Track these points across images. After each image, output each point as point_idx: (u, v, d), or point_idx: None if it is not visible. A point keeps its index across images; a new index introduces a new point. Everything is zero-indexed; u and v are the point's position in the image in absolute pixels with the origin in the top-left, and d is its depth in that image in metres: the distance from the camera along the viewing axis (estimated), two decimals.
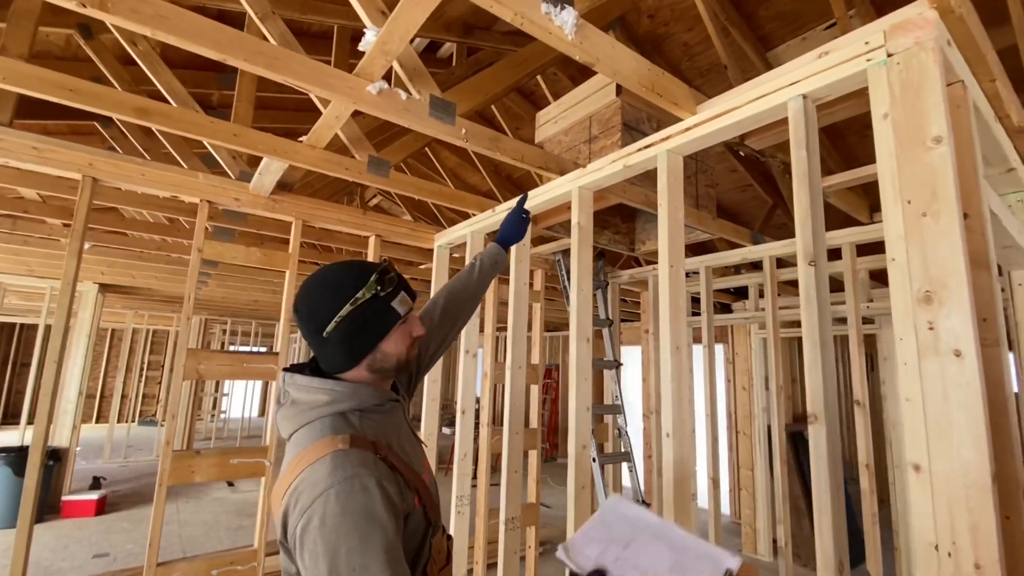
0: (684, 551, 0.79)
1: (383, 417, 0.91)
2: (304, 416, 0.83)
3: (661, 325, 1.37)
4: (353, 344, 0.87)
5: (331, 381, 0.86)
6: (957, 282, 0.86)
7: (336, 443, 0.78)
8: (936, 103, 0.92)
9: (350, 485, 0.73)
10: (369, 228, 2.50)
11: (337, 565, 0.68)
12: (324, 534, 0.70)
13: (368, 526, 0.71)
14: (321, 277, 0.90)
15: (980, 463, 0.80)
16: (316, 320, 0.86)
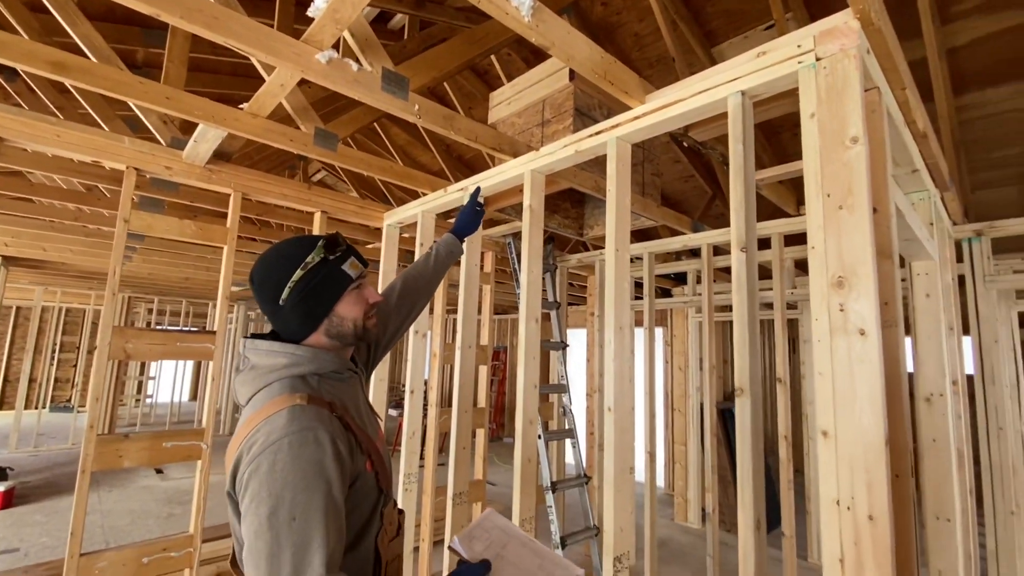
0: (545, 557, 0.98)
1: (341, 384, 0.94)
2: (263, 379, 0.85)
3: (606, 306, 1.43)
4: (308, 307, 0.90)
5: (291, 345, 0.89)
6: (865, 269, 0.96)
7: (294, 399, 0.80)
8: (855, 106, 1.01)
9: (303, 437, 0.75)
10: (315, 204, 2.41)
11: (278, 510, 0.70)
12: (271, 480, 0.71)
13: (316, 478, 0.73)
14: (274, 249, 0.93)
15: (876, 429, 0.92)
16: (271, 289, 0.89)
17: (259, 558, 0.69)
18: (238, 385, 0.88)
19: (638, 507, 4.35)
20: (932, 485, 1.80)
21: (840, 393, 0.96)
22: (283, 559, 0.69)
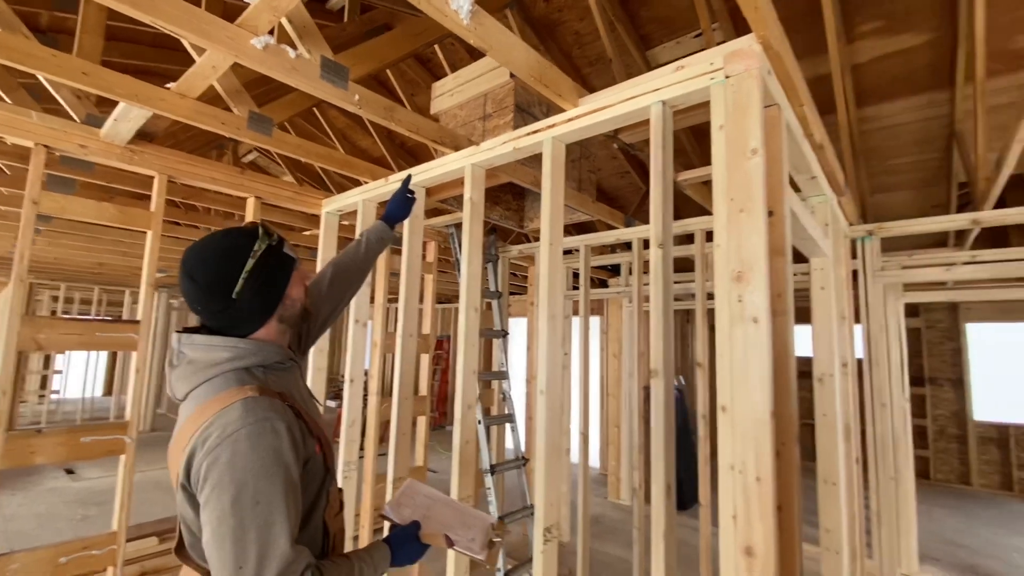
0: (465, 513, 1.12)
1: (284, 373, 0.97)
2: (203, 373, 0.86)
3: (540, 297, 1.52)
4: (265, 295, 0.92)
5: (233, 339, 0.90)
6: (759, 265, 1.10)
7: (245, 391, 0.83)
8: (755, 121, 1.15)
9: (261, 427, 0.79)
10: (248, 189, 2.33)
11: (241, 496, 0.74)
12: (233, 469, 0.75)
13: (275, 464, 0.77)
14: (209, 246, 0.91)
15: (764, 404, 1.06)
16: (222, 284, 0.88)
17: (224, 540, 0.73)
18: (174, 380, 0.88)
19: (573, 487, 4.58)
20: (823, 454, 2.06)
21: (736, 374, 1.11)
22: (248, 540, 0.73)
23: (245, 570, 0.73)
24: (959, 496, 5.70)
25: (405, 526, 1.04)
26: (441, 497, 1.14)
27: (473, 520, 1.09)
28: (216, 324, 0.91)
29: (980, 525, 4.69)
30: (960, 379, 6.24)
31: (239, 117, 1.83)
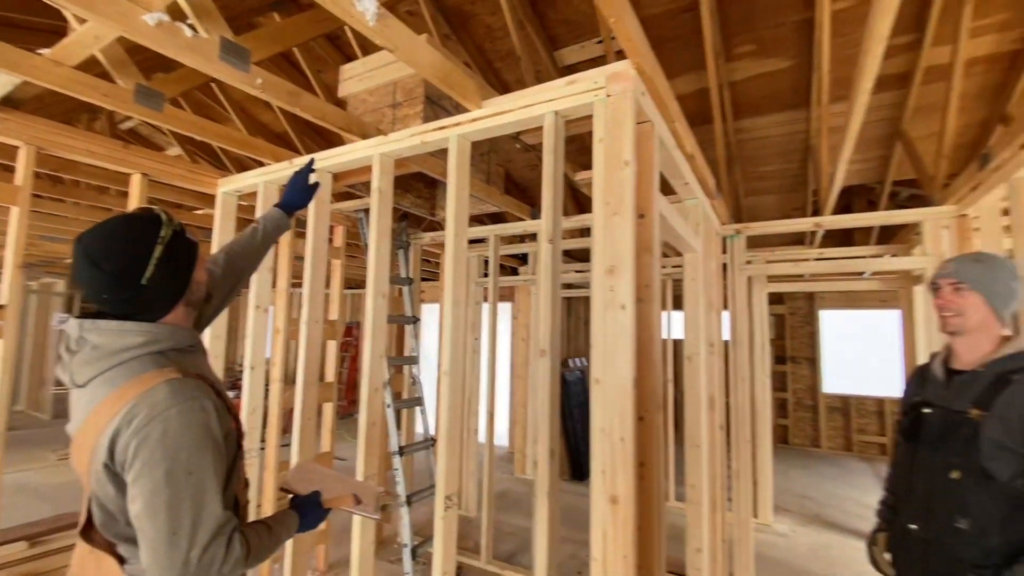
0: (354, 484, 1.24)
1: (193, 356, 1.00)
2: (111, 359, 0.87)
3: (445, 285, 1.63)
4: (175, 280, 0.95)
5: (146, 324, 0.91)
6: (627, 261, 1.30)
7: (167, 374, 0.86)
8: (627, 136, 1.33)
9: (191, 405, 0.84)
10: (133, 165, 2.17)
11: (175, 469, 0.80)
12: (164, 445, 0.80)
13: (204, 439, 0.84)
14: (114, 233, 0.90)
15: (628, 376, 1.27)
16: (131, 272, 0.89)
17: (158, 510, 0.79)
18: (77, 366, 0.88)
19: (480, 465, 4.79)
20: (690, 421, 2.39)
21: (607, 352, 1.30)
22: (183, 508, 0.80)
23: (179, 535, 0.79)
24: (810, 457, 6.71)
25: (308, 495, 1.12)
26: (331, 472, 1.26)
27: (362, 489, 1.22)
28: (121, 311, 0.91)
29: (825, 481, 5.58)
30: (814, 358, 7.30)
31: (124, 89, 1.71)
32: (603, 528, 1.26)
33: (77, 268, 0.88)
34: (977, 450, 1.20)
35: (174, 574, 0.80)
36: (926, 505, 1.31)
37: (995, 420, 1.19)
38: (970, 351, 1.32)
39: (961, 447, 1.24)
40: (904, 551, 1.39)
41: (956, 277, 1.32)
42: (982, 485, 1.20)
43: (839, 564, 3.47)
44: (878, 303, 6.87)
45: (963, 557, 1.22)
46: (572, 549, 3.60)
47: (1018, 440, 1.16)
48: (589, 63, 3.51)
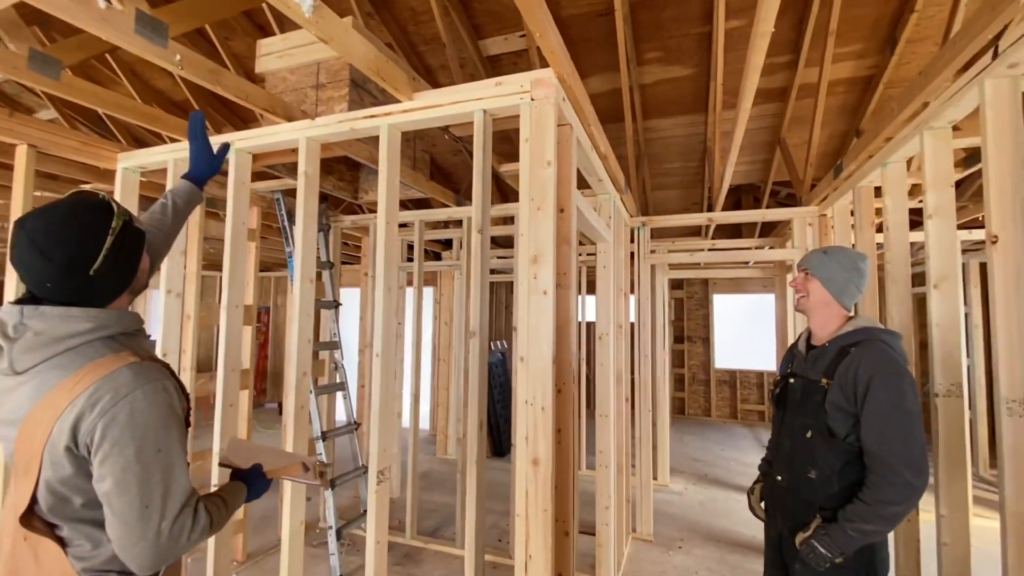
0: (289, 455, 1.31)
1: (137, 340, 1.00)
2: (57, 345, 0.86)
3: (377, 271, 1.69)
4: (122, 271, 0.95)
5: (94, 309, 0.91)
6: (549, 251, 1.45)
7: (125, 358, 0.88)
8: (551, 139, 1.48)
9: (155, 387, 0.88)
10: (19, 135, 1.94)
11: (144, 447, 0.84)
12: (132, 425, 0.83)
13: (170, 417, 0.88)
14: (64, 222, 0.88)
15: (548, 354, 1.43)
16: (80, 261, 0.87)
17: (130, 486, 0.83)
18: (17, 353, 0.85)
19: (404, 449, 4.85)
20: (599, 394, 2.65)
21: (531, 332, 1.45)
22: (153, 483, 0.85)
23: (151, 508, 0.84)
24: (703, 426, 7.52)
25: (251, 467, 1.18)
26: (264, 446, 1.32)
27: (297, 459, 1.30)
28: (66, 299, 0.89)
29: (713, 445, 6.31)
30: (707, 337, 8.13)
31: (16, 55, 1.55)
32: (525, 487, 1.43)
33: (20, 254, 0.85)
34: (824, 412, 1.44)
35: (146, 544, 0.84)
36: (789, 460, 1.55)
37: (836, 386, 1.42)
38: (821, 329, 1.58)
39: (814, 410, 1.47)
40: (772, 498, 1.64)
41: (805, 265, 1.60)
42: (827, 442, 1.43)
43: (722, 514, 4.01)
44: (761, 288, 7.79)
45: (812, 500, 1.46)
46: (493, 519, 3.81)
47: (851, 401, 1.39)
48: (512, 55, 3.63)
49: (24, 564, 0.90)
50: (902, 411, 1.33)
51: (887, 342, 1.43)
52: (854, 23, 3.00)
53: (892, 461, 1.32)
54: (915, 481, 1.30)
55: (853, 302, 1.57)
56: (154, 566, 0.88)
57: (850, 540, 1.35)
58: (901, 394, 1.34)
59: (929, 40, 3.04)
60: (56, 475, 0.86)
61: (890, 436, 1.33)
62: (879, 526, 1.34)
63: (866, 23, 3.06)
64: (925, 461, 1.33)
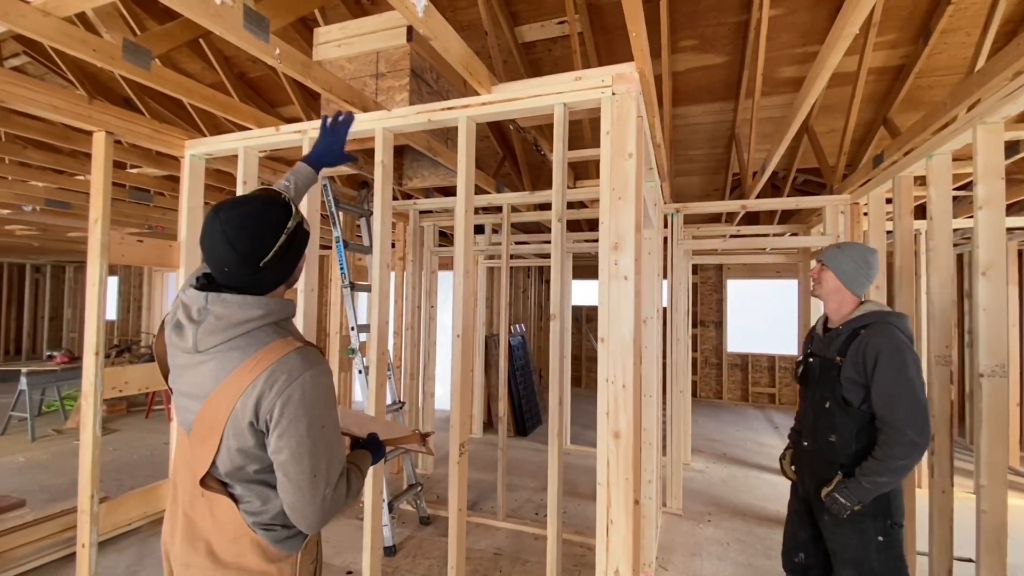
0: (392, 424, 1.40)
1: (292, 325, 1.11)
2: (235, 329, 0.96)
3: (456, 256, 1.79)
4: (284, 268, 1.04)
5: (264, 298, 1.00)
6: (630, 238, 1.54)
7: (292, 344, 0.98)
8: (632, 131, 1.56)
9: (320, 369, 0.98)
10: (97, 122, 2.02)
11: (313, 424, 0.95)
12: (304, 403, 0.94)
13: (330, 396, 1.00)
14: (251, 215, 0.98)
15: (631, 335, 1.53)
16: (256, 254, 0.97)
17: (303, 457, 0.94)
18: (201, 335, 0.96)
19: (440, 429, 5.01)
20: (646, 376, 2.77)
21: (612, 315, 1.55)
22: (320, 454, 0.95)
23: (318, 476, 0.95)
24: (715, 408, 7.68)
25: (369, 436, 1.28)
26: (370, 416, 1.41)
27: (407, 430, 1.39)
28: (236, 284, 0.99)
29: (727, 426, 6.47)
30: (720, 321, 8.24)
31: (112, 44, 1.62)
32: (607, 458, 1.54)
33: (211, 240, 0.95)
34: (840, 385, 1.68)
35: (315, 507, 0.96)
36: (813, 428, 1.80)
37: (848, 362, 1.67)
38: (835, 313, 1.82)
39: (831, 384, 1.72)
40: (800, 461, 1.90)
41: (821, 258, 1.84)
42: (844, 411, 1.68)
43: (745, 491, 4.17)
44: (775, 274, 7.88)
45: (834, 461, 1.72)
46: (527, 495, 3.97)
47: (862, 375, 1.63)
48: (548, 42, 3.67)
49: (201, 516, 1.02)
50: (905, 381, 1.57)
51: (893, 323, 1.66)
52: (890, 12, 3.04)
53: (899, 424, 1.56)
54: (919, 439, 1.55)
55: (863, 290, 1.79)
56: (320, 525, 1.00)
57: (866, 491, 1.59)
58: (904, 366, 1.58)
59: (961, 31, 3.08)
60: (238, 444, 0.97)
61: (896, 403, 1.57)
62: (889, 478, 1.58)
63: (902, 13, 3.09)
64: (927, 422, 1.57)
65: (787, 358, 7.81)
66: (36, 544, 2.74)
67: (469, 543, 3.12)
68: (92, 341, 2.03)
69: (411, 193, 4.00)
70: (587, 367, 8.91)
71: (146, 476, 4.20)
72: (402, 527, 3.35)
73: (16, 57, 4.27)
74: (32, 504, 3.28)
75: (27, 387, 5.28)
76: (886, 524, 1.64)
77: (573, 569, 2.89)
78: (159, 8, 3.07)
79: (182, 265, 2.35)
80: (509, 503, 3.76)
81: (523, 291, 7.46)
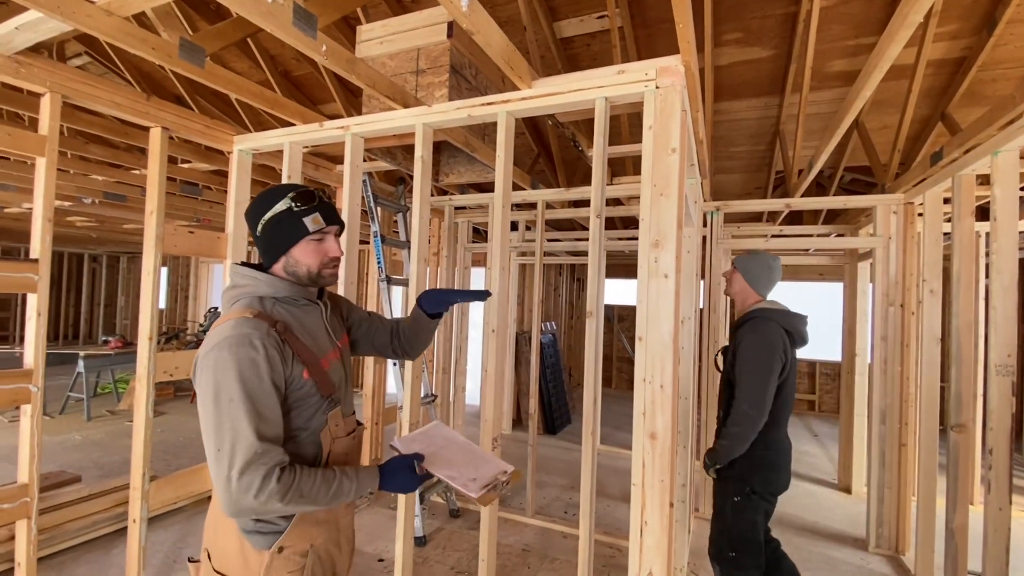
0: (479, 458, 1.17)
1: (296, 309, 1.11)
2: (234, 297, 1.06)
3: (492, 252, 1.79)
4: (268, 244, 1.09)
5: (255, 271, 1.08)
6: (671, 236, 1.51)
7: (244, 312, 1.01)
8: (676, 126, 1.52)
9: (240, 339, 0.94)
10: (154, 118, 2.12)
11: (219, 394, 0.92)
12: (215, 371, 0.92)
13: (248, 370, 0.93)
14: (263, 192, 1.10)
15: (670, 334, 1.50)
16: (252, 223, 1.10)
17: (209, 428, 0.92)
18: (223, 301, 1.08)
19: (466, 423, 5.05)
20: (683, 377, 2.71)
21: (651, 314, 1.53)
22: (224, 430, 0.90)
23: (222, 452, 0.89)
24: None
25: (402, 455, 1.11)
26: (461, 440, 1.19)
27: (484, 465, 1.14)
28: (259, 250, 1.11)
29: None
30: None
31: (169, 43, 1.69)
32: (642, 459, 1.52)
33: None
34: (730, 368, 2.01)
35: (221, 486, 0.90)
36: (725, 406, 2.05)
37: (731, 350, 2.04)
38: (739, 310, 2.16)
39: (727, 369, 2.05)
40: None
41: (733, 262, 2.17)
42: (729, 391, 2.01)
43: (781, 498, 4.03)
44: (816, 276, 7.59)
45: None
46: (555, 492, 3.96)
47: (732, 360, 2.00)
48: (586, 37, 3.63)
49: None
50: (752, 362, 1.90)
51: (774, 319, 2.00)
52: (952, 1, 2.87)
53: (739, 396, 1.89)
54: (751, 412, 1.86)
55: (767, 291, 2.12)
56: (231, 511, 0.91)
57: (717, 454, 1.94)
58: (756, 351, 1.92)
59: None
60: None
61: (740, 379, 1.91)
62: (730, 442, 1.91)
63: (965, 2, 2.92)
64: (762, 399, 1.87)
65: (829, 364, 7.51)
66: (90, 518, 2.91)
67: (498, 538, 3.13)
68: (146, 327, 2.14)
69: (446, 189, 4.03)
70: (618, 367, 8.80)
71: (191, 458, 4.39)
72: (432, 519, 3.39)
73: (78, 57, 4.52)
74: (86, 480, 3.49)
75: (84, 370, 5.60)
76: (743, 488, 1.96)
77: (602, 570, 2.86)
78: (210, 9, 3.20)
79: (229, 256, 2.44)
80: (538, 500, 3.76)
81: (554, 289, 7.43)
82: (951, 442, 2.32)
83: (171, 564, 2.73)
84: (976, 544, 2.33)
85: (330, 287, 1.24)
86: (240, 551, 1.03)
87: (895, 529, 3.10)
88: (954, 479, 2.29)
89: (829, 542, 3.29)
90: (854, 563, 3.03)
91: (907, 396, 3.08)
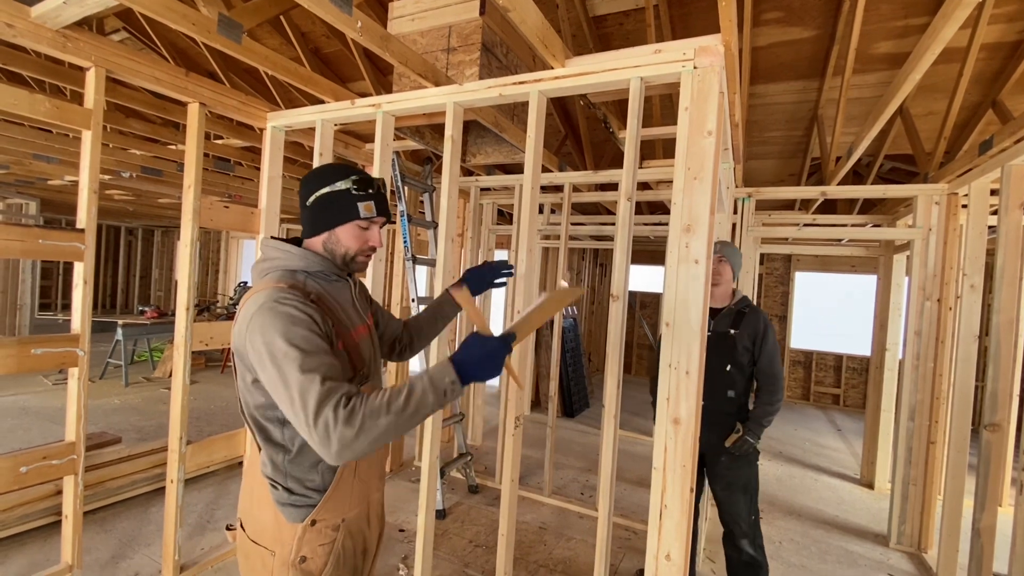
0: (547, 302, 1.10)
1: (328, 284, 1.14)
2: (265, 269, 1.09)
3: (521, 233, 1.79)
4: (317, 217, 1.11)
5: (288, 245, 1.11)
6: (704, 220, 1.48)
7: (278, 283, 1.03)
8: (713, 108, 1.48)
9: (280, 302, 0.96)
10: (192, 94, 2.16)
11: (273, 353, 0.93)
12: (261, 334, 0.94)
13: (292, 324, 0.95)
14: (329, 166, 1.13)
15: (698, 321, 1.49)
16: (305, 192, 1.12)
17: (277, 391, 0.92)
18: (253, 274, 1.12)
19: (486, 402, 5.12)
20: None
21: (679, 299, 1.51)
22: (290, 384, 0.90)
23: (296, 406, 0.88)
24: None
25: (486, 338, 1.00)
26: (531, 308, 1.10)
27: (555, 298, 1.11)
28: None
29: (785, 424, 6.20)
30: (785, 315, 7.84)
31: (208, 19, 1.72)
32: (664, 443, 1.52)
33: None
34: (737, 352, 2.16)
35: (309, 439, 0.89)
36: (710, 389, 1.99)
37: (744, 334, 2.17)
38: (724, 298, 2.26)
39: (729, 352, 2.17)
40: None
41: (722, 253, 2.24)
42: (741, 372, 2.17)
43: (801, 491, 4.00)
44: (849, 268, 7.36)
45: (731, 412, 2.18)
46: (573, 474, 4.00)
47: (749, 343, 2.16)
48: (620, 15, 3.54)
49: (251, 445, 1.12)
50: (777, 350, 2.18)
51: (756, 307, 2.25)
52: None
53: (777, 374, 2.14)
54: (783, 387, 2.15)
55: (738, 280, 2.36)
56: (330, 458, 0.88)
57: (762, 429, 2.13)
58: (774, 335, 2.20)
59: None
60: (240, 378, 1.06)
61: (774, 360, 2.15)
62: (774, 416, 2.13)
63: None
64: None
65: (856, 358, 7.34)
66: (129, 477, 3.07)
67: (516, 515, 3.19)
68: (184, 298, 2.21)
69: (472, 170, 4.03)
70: (637, 354, 8.76)
71: (222, 425, 4.57)
72: (451, 493, 3.47)
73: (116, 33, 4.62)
74: (125, 442, 3.67)
75: (122, 338, 5.85)
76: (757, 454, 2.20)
77: (618, 551, 2.90)
78: None
79: (262, 231, 2.50)
80: (555, 480, 3.81)
81: (576, 273, 7.40)
82: (983, 441, 2.26)
83: (204, 524, 2.87)
84: (1002, 546, 2.29)
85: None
86: (274, 522, 1.06)
87: (918, 526, 3.05)
88: (984, 478, 2.24)
89: (849, 536, 3.26)
90: (874, 558, 3.00)
91: (939, 393, 3.00)
